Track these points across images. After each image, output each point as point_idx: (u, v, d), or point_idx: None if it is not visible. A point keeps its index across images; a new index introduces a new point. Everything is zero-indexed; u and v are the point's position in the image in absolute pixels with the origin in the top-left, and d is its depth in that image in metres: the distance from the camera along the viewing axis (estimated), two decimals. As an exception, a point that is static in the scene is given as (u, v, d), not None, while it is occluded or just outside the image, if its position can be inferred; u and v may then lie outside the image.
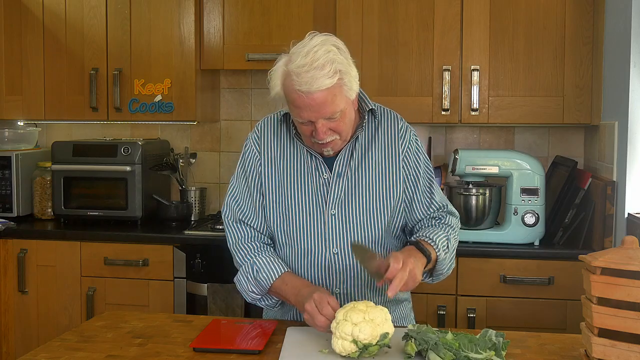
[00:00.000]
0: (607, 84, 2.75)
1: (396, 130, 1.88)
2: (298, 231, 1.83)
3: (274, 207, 1.85)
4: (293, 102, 1.69)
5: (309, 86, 1.63)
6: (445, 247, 1.81)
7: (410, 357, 1.52)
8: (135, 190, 3.19)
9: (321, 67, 1.64)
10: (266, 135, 1.89)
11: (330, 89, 1.65)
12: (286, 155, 1.86)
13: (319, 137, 1.72)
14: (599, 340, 1.37)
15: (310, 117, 1.69)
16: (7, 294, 3.12)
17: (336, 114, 1.70)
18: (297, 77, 1.64)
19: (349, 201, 1.82)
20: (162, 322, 1.84)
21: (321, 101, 1.66)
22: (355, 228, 1.81)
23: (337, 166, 1.83)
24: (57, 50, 3.31)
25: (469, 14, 2.93)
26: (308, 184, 1.83)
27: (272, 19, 3.14)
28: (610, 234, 2.62)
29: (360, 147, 1.85)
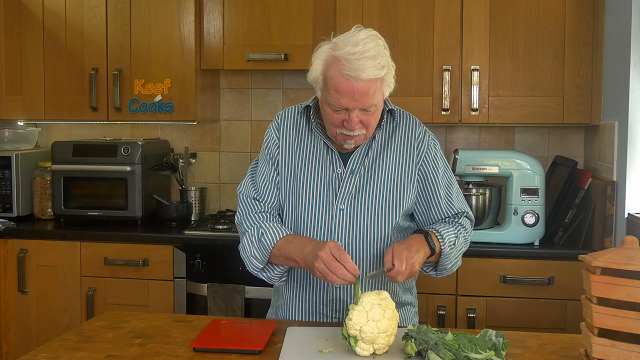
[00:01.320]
0: (607, 84, 2.75)
1: (414, 135, 1.89)
2: (306, 220, 1.84)
3: (286, 195, 1.87)
4: (337, 87, 1.69)
5: (359, 72, 1.66)
6: (452, 243, 1.83)
7: (410, 357, 1.52)
8: (135, 190, 3.19)
9: (373, 58, 1.67)
10: (286, 125, 1.91)
11: (376, 80, 1.69)
12: (303, 146, 1.88)
13: (351, 127, 1.73)
14: (599, 340, 1.37)
15: (348, 105, 1.70)
16: (7, 294, 3.12)
17: (372, 107, 1.73)
18: (348, 63, 1.66)
19: (358, 198, 1.83)
20: (162, 322, 1.84)
21: (365, 90, 1.68)
22: (361, 225, 1.82)
23: (352, 162, 1.85)
24: (57, 50, 3.31)
25: (469, 14, 2.93)
26: (321, 177, 1.85)
27: (272, 19, 3.14)
28: (610, 234, 2.62)
29: (377, 147, 1.87)
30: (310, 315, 1.88)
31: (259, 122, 3.53)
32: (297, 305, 1.89)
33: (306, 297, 1.87)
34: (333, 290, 1.84)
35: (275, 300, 2.02)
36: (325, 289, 1.85)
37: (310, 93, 1.86)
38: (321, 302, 1.86)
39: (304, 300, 1.88)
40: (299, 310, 1.89)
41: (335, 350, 1.57)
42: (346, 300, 1.84)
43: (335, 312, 1.85)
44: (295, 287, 1.89)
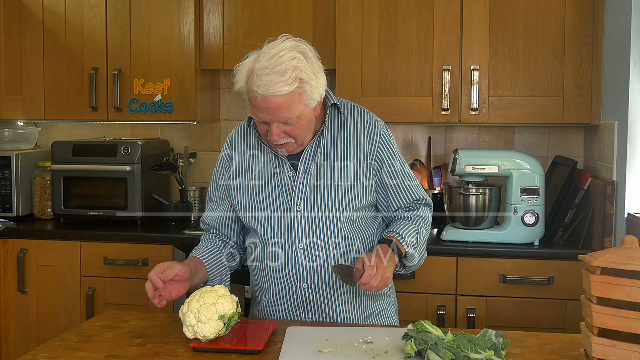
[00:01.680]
0: (607, 84, 2.75)
1: (364, 125, 1.89)
2: (267, 228, 1.87)
3: (245, 207, 1.91)
4: (251, 101, 1.74)
5: (266, 90, 1.67)
6: (414, 243, 1.86)
7: (410, 357, 1.52)
8: (135, 190, 3.19)
9: (282, 73, 1.68)
10: (236, 143, 1.97)
11: (288, 96, 1.69)
12: (254, 157, 1.92)
13: (272, 139, 1.77)
14: (599, 340, 1.36)
15: (265, 119, 1.74)
16: (7, 294, 3.12)
17: (292, 120, 1.74)
18: (258, 79, 1.68)
19: (314, 198, 1.85)
20: (162, 322, 1.84)
21: (277, 106, 1.70)
22: (321, 224, 1.84)
23: (302, 164, 1.87)
24: (57, 50, 3.31)
25: (469, 14, 2.93)
26: (274, 183, 1.88)
27: (272, 19, 3.14)
28: (610, 234, 2.62)
29: (326, 143, 1.88)
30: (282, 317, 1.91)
31: (259, 122, 3.52)
32: (273, 310, 1.91)
33: (280, 302, 1.90)
34: (302, 294, 1.87)
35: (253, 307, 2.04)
36: (294, 293, 1.87)
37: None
38: (293, 306, 1.89)
39: (278, 305, 1.90)
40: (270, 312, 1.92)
41: (335, 350, 1.58)
42: (316, 301, 1.86)
43: (308, 313, 1.89)
44: (268, 294, 1.92)
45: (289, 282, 1.87)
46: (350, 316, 1.90)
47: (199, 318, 1.58)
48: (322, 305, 1.87)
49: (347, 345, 1.61)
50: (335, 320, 1.88)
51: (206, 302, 1.61)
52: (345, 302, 1.89)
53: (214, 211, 2.01)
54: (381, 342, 1.63)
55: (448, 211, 2.94)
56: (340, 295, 1.88)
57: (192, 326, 1.60)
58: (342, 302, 1.88)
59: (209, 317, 1.58)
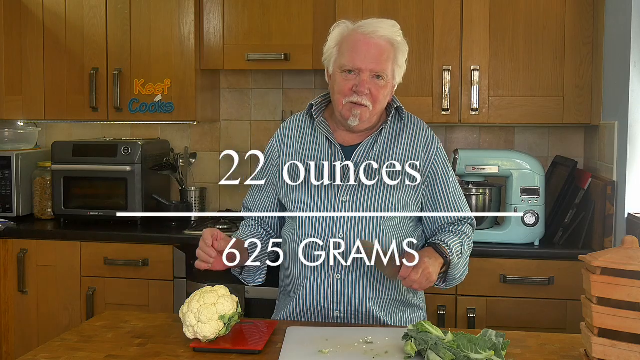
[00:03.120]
0: (607, 84, 2.75)
1: (422, 137, 1.92)
2: (309, 213, 1.87)
3: (290, 192, 1.90)
4: (352, 45, 1.79)
5: (376, 29, 1.77)
6: (459, 253, 1.86)
7: (411, 357, 1.52)
8: (135, 190, 3.19)
9: (391, 26, 1.81)
10: (289, 131, 1.98)
11: (391, 45, 1.80)
12: (306, 144, 1.93)
13: (360, 89, 1.79)
14: (599, 340, 1.37)
15: (362, 64, 1.77)
16: (7, 294, 3.12)
17: (383, 74, 1.79)
18: (365, 24, 1.79)
19: (361, 191, 1.85)
20: (162, 322, 1.84)
21: (379, 51, 1.78)
22: (362, 217, 1.85)
23: (356, 155, 1.88)
24: (57, 50, 3.31)
25: (469, 14, 2.93)
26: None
27: (272, 19, 3.14)
28: (610, 234, 2.62)
29: (382, 143, 1.90)
30: (312, 312, 1.89)
31: (258, 122, 3.53)
32: (302, 302, 1.89)
33: (313, 291, 1.87)
34: (334, 284, 1.85)
35: (281, 301, 2.03)
36: (327, 282, 1.85)
37: (309, 93, 1.87)
38: (323, 297, 1.86)
39: (308, 297, 1.88)
40: (303, 307, 1.90)
41: (335, 350, 1.58)
42: (347, 294, 1.85)
43: (337, 305, 1.86)
44: (298, 285, 1.90)
45: (323, 271, 1.85)
46: (381, 316, 1.88)
47: (199, 318, 1.58)
48: (353, 299, 1.85)
49: (347, 345, 1.61)
50: (364, 318, 1.87)
51: (206, 302, 1.61)
52: (376, 302, 1.87)
53: (257, 198, 2.01)
54: (381, 342, 1.63)
55: (448, 211, 2.94)
56: (372, 293, 1.86)
57: (192, 326, 1.60)
58: (374, 301, 1.87)
59: (209, 317, 1.58)
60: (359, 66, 1.77)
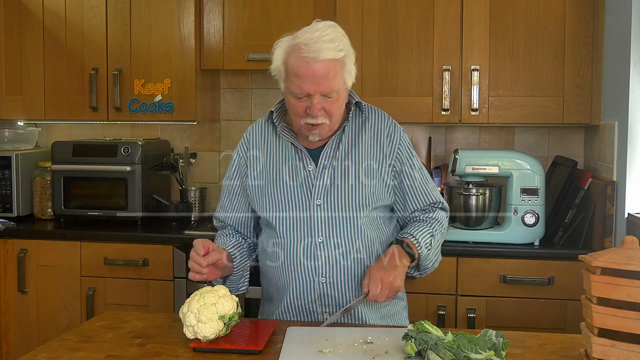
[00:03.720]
0: (607, 84, 2.75)
1: (383, 127, 1.93)
2: (285, 221, 1.87)
3: (262, 201, 1.91)
4: (297, 71, 1.75)
5: (317, 54, 1.72)
6: (428, 245, 1.88)
7: (411, 357, 1.52)
8: (135, 190, 3.19)
9: (330, 41, 1.74)
10: (253, 139, 1.98)
11: (335, 62, 1.75)
12: (272, 152, 1.93)
13: (314, 113, 1.77)
14: (599, 340, 1.37)
15: (310, 89, 1.75)
16: (7, 294, 3.12)
17: (333, 92, 1.77)
18: (306, 47, 1.72)
19: (334, 192, 1.86)
20: (162, 322, 1.84)
21: (324, 72, 1.74)
22: (339, 218, 1.85)
23: (323, 158, 1.88)
24: (57, 50, 3.31)
25: (469, 14, 2.93)
26: (293, 176, 1.88)
27: (272, 19, 3.14)
28: (610, 234, 2.62)
29: (347, 140, 1.90)
30: (300, 314, 1.90)
31: (259, 122, 3.53)
32: (289, 306, 1.90)
33: (299, 297, 1.88)
34: (319, 287, 1.86)
35: (265, 307, 2.04)
36: (312, 287, 1.86)
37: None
38: (310, 300, 1.87)
39: (295, 301, 1.89)
40: (290, 310, 1.91)
41: (335, 350, 1.57)
42: (333, 295, 1.86)
43: (326, 307, 1.87)
44: (284, 291, 1.90)
45: (307, 276, 1.86)
46: (365, 314, 1.90)
47: (199, 318, 1.58)
48: (340, 300, 1.86)
49: (347, 345, 1.61)
50: (351, 317, 1.88)
51: (206, 302, 1.61)
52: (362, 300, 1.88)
53: (229, 210, 2.01)
54: (381, 342, 1.63)
55: (448, 211, 2.94)
56: (358, 292, 1.87)
57: (192, 326, 1.60)
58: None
59: (209, 317, 1.58)
60: (307, 91, 1.76)
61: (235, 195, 2.00)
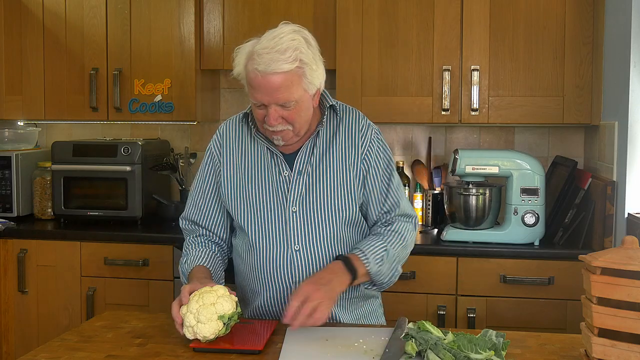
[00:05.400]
0: (607, 84, 2.75)
1: (357, 128, 1.88)
2: (260, 227, 1.84)
3: (236, 205, 1.87)
4: (250, 81, 1.72)
5: (266, 67, 1.66)
6: (379, 260, 1.82)
7: (411, 357, 1.52)
8: (135, 190, 3.19)
9: (282, 52, 1.67)
10: (227, 136, 1.92)
11: (288, 74, 1.68)
12: (247, 154, 1.89)
13: (270, 123, 1.74)
14: (599, 340, 1.36)
15: (263, 100, 1.71)
16: (7, 294, 3.12)
17: (290, 102, 1.72)
18: (258, 57, 1.67)
19: (309, 198, 1.83)
20: (162, 322, 1.84)
21: (276, 85, 1.68)
22: (316, 225, 1.82)
23: (298, 163, 1.85)
24: (57, 50, 3.31)
25: (469, 14, 2.93)
26: (268, 182, 1.85)
27: (272, 19, 3.14)
28: (610, 234, 2.62)
29: (322, 144, 1.87)
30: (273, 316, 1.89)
31: (259, 122, 3.53)
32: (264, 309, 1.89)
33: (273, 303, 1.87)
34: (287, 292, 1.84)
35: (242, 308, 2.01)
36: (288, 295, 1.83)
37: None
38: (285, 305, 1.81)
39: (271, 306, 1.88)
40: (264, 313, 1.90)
41: (335, 350, 1.57)
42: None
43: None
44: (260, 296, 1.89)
45: (284, 284, 1.84)
46: (342, 317, 1.88)
47: (198, 318, 1.58)
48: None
49: (347, 345, 1.61)
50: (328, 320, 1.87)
51: (205, 302, 1.60)
52: (338, 304, 1.87)
53: (204, 209, 1.94)
54: (381, 342, 1.63)
55: (448, 211, 2.94)
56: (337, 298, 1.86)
57: (191, 326, 1.60)
58: (336, 304, 1.85)
59: (208, 317, 1.58)
60: (262, 101, 1.71)
61: (210, 193, 1.93)
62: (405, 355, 1.53)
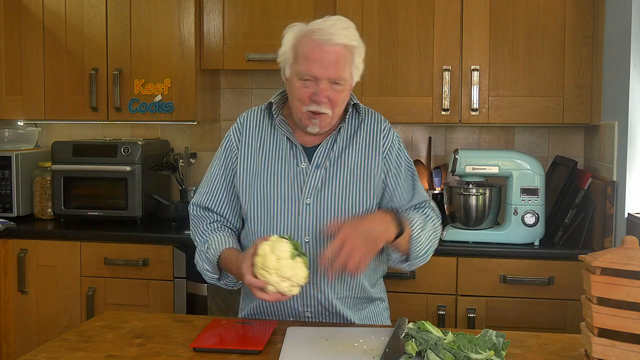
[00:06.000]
0: (607, 84, 2.75)
1: (379, 130, 1.90)
2: (272, 217, 1.84)
3: (249, 194, 1.87)
4: (307, 54, 1.73)
5: (331, 37, 1.72)
6: (420, 227, 1.81)
7: (411, 357, 1.52)
8: (135, 190, 3.19)
9: (345, 28, 1.75)
10: (248, 126, 1.93)
11: (347, 49, 1.75)
12: (266, 144, 1.89)
13: (319, 99, 1.74)
14: (599, 340, 1.37)
15: (318, 73, 1.73)
16: (7, 294, 3.12)
17: (341, 80, 1.75)
18: (319, 30, 1.73)
19: (324, 192, 1.83)
20: (162, 322, 1.84)
21: (335, 58, 1.73)
22: (328, 218, 1.82)
23: (317, 157, 1.85)
24: (57, 50, 3.31)
25: (469, 14, 2.93)
26: (285, 172, 1.85)
27: (272, 19, 3.14)
28: (610, 234, 2.62)
29: (342, 141, 1.88)
30: (282, 314, 1.89)
31: (259, 122, 3.52)
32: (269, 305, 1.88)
33: None
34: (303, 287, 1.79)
35: (245, 302, 2.00)
36: None
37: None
38: (293, 299, 1.82)
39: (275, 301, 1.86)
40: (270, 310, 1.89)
41: (335, 350, 1.57)
42: (315, 296, 1.84)
43: (308, 307, 1.86)
44: None
45: None
46: (347, 314, 1.88)
47: (283, 274, 1.57)
48: (322, 300, 1.85)
49: (347, 345, 1.61)
50: (333, 317, 1.87)
51: (275, 256, 1.57)
52: (344, 301, 1.88)
53: (218, 194, 1.93)
54: (381, 342, 1.63)
55: (448, 211, 2.94)
56: (339, 293, 1.87)
57: (281, 282, 1.58)
58: (341, 301, 1.87)
59: (288, 266, 1.56)
60: (315, 75, 1.72)
61: (225, 181, 1.93)
62: (405, 355, 1.53)
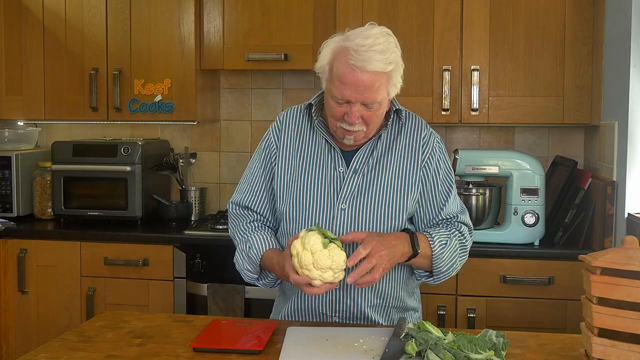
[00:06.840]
0: (607, 84, 2.75)
1: (420, 137, 1.87)
2: (307, 220, 1.82)
3: (286, 195, 1.86)
4: (341, 77, 1.69)
5: (365, 63, 1.65)
6: (443, 244, 1.80)
7: (411, 357, 1.52)
8: (135, 190, 3.19)
9: (381, 52, 1.67)
10: (287, 125, 1.91)
11: (381, 75, 1.69)
12: (304, 145, 1.87)
13: (351, 121, 1.72)
14: (599, 340, 1.37)
15: (351, 97, 1.70)
16: (7, 294, 3.12)
17: (375, 103, 1.72)
18: (355, 53, 1.66)
19: (361, 198, 1.81)
20: (162, 322, 1.84)
21: (369, 84, 1.68)
22: (363, 226, 1.80)
23: (355, 162, 1.83)
24: (57, 50, 3.31)
25: (469, 14, 2.93)
26: (322, 176, 1.83)
27: (272, 19, 3.14)
28: (610, 234, 2.62)
29: (382, 147, 1.85)
30: (310, 315, 1.88)
31: (259, 122, 3.53)
32: (300, 305, 1.88)
33: (308, 298, 1.86)
34: (333, 292, 1.83)
35: (279, 301, 2.01)
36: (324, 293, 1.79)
37: (309, 93, 1.86)
38: (322, 303, 1.85)
39: (306, 301, 1.87)
40: (301, 310, 1.89)
41: (335, 350, 1.57)
42: (345, 301, 1.83)
43: (335, 312, 1.85)
44: (294, 290, 1.88)
45: None
46: (377, 321, 1.86)
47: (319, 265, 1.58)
48: (352, 307, 1.83)
49: (347, 345, 1.61)
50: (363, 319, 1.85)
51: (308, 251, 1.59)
52: (375, 309, 1.86)
53: (258, 193, 1.91)
54: (381, 342, 1.63)
55: (448, 211, 2.94)
56: (370, 301, 1.84)
57: (325, 271, 1.59)
58: (372, 308, 1.85)
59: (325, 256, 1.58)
60: (349, 99, 1.70)
61: (265, 178, 1.91)
62: (405, 355, 1.53)
